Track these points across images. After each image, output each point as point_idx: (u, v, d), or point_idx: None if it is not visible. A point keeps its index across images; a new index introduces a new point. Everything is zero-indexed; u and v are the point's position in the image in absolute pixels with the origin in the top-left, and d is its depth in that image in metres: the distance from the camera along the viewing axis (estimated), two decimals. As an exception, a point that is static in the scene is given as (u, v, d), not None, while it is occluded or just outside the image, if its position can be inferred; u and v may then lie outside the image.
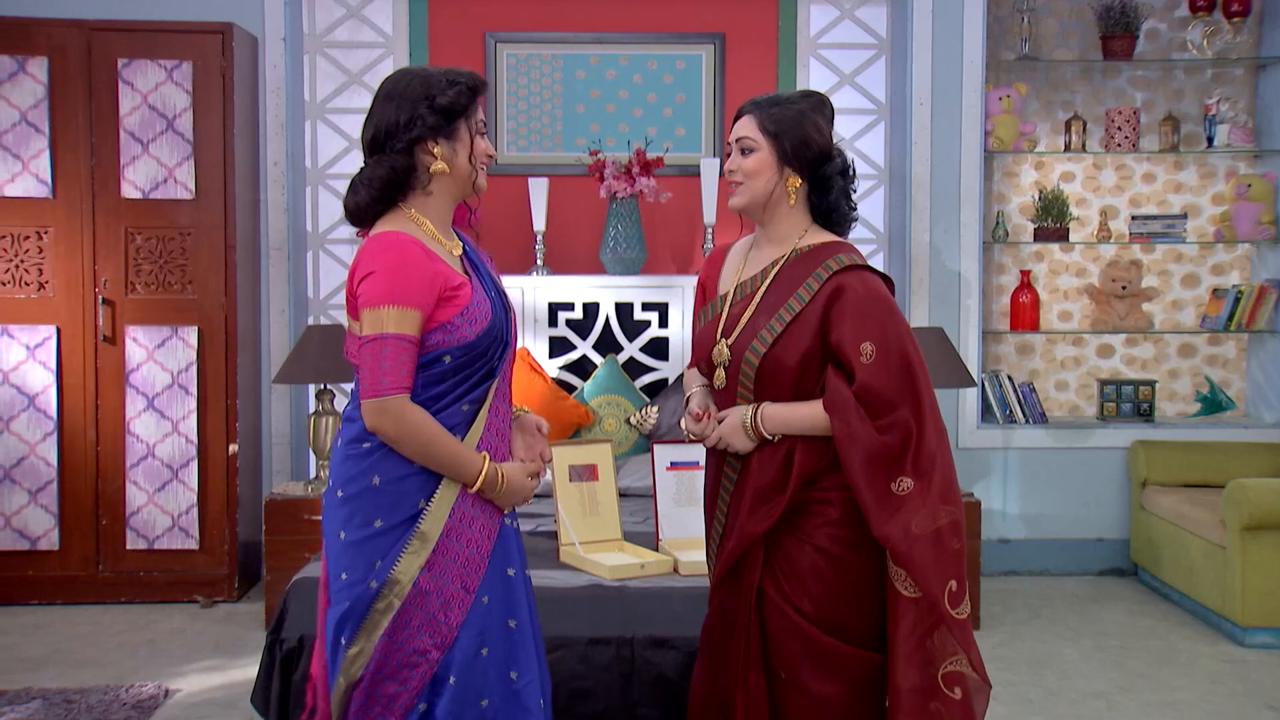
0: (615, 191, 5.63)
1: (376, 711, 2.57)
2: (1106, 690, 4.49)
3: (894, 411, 2.63)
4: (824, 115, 2.79)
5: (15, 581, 5.42)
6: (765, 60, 6.12)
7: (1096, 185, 6.29)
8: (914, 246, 5.93)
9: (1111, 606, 5.55)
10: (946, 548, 2.62)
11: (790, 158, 2.75)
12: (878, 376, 2.63)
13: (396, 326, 2.49)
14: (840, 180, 2.79)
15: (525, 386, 5.34)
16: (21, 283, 5.40)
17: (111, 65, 5.37)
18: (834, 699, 2.69)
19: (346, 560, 2.58)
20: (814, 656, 2.69)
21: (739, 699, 2.75)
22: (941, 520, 2.61)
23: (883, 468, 2.62)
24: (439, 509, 2.57)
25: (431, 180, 2.63)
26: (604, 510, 4.02)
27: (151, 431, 5.44)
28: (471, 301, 2.58)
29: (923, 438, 2.63)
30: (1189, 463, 5.83)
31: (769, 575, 2.74)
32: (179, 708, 4.25)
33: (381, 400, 2.51)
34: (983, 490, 5.98)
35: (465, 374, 2.59)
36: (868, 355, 2.64)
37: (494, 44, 6.04)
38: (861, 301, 2.67)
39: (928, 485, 2.61)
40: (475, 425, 2.62)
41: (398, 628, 2.55)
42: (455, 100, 2.60)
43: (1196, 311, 6.29)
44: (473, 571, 2.61)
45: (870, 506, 2.61)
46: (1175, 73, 6.26)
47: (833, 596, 2.69)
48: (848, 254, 2.75)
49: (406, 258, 2.53)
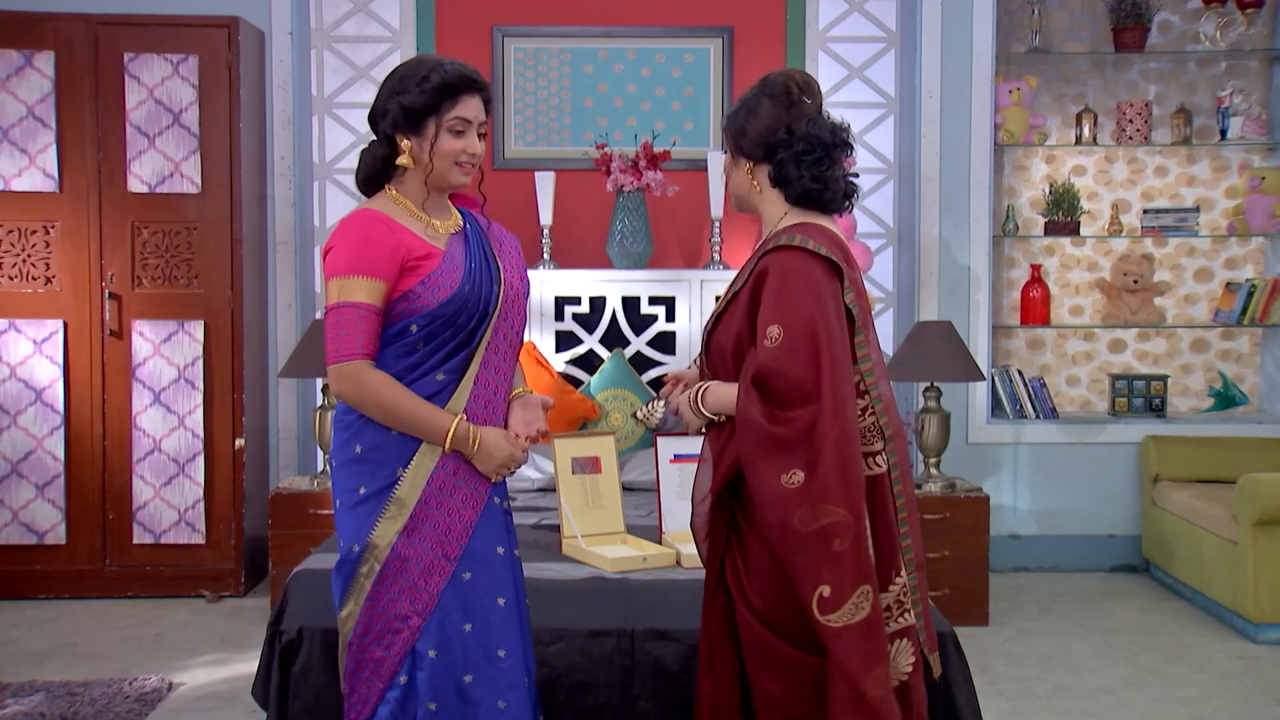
0: (622, 185, 5.61)
1: (365, 675, 2.67)
2: (1115, 686, 4.45)
3: (797, 398, 2.51)
4: (771, 96, 2.72)
5: (23, 575, 5.42)
6: (774, 54, 6.08)
7: (1108, 179, 6.24)
8: (923, 240, 5.89)
9: (1122, 603, 5.50)
10: (827, 549, 2.47)
11: (739, 150, 2.76)
12: (780, 361, 2.53)
13: (353, 295, 2.59)
14: (801, 158, 2.68)
15: (531, 380, 5.33)
16: (29, 277, 5.40)
17: (118, 59, 5.37)
18: (778, 698, 2.62)
19: (341, 526, 2.71)
20: (763, 655, 2.64)
21: (705, 686, 2.73)
22: (825, 519, 2.47)
23: (774, 456, 2.51)
24: (416, 475, 2.65)
25: (404, 171, 2.74)
26: (607, 503, 4.00)
27: (158, 426, 5.44)
28: (435, 270, 2.63)
29: (822, 431, 2.49)
30: (1201, 458, 5.78)
31: (730, 562, 2.71)
32: (182, 700, 4.25)
33: (340, 366, 2.60)
34: (992, 486, 5.94)
35: (437, 343, 2.65)
36: (773, 338, 2.54)
37: (501, 38, 6.02)
38: (779, 282, 2.58)
39: (821, 481, 2.48)
40: (456, 396, 2.68)
41: (379, 592, 2.65)
42: (417, 100, 2.67)
43: (1209, 306, 6.23)
44: (454, 540, 2.67)
45: (757, 493, 2.54)
46: (1188, 65, 6.20)
47: (776, 591, 2.60)
48: (800, 235, 2.64)
49: (365, 229, 2.63)
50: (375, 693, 2.66)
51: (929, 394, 5.31)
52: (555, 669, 3.37)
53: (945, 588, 5.08)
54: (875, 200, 6.13)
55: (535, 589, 3.54)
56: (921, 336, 5.28)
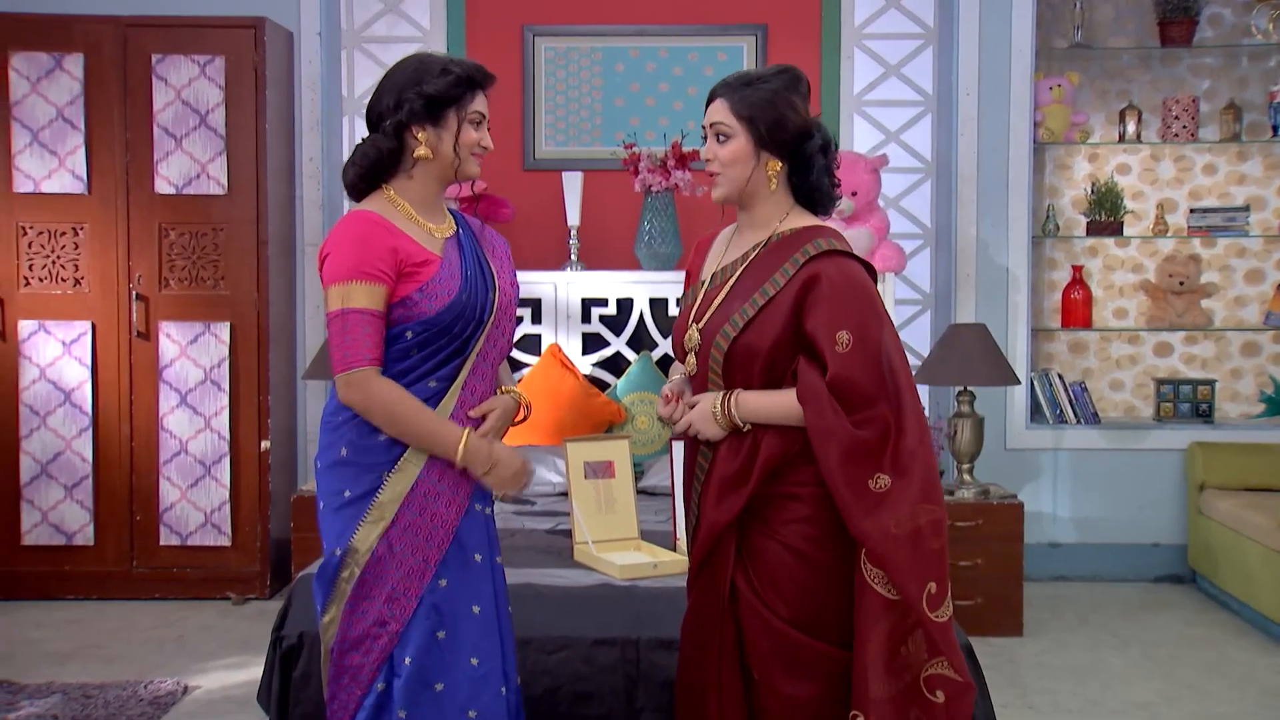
0: (650, 186, 5.52)
1: (345, 682, 2.64)
2: (1150, 701, 4.30)
3: (871, 405, 2.50)
4: (799, 92, 2.67)
5: (52, 576, 5.44)
6: (809, 51, 5.97)
7: (1154, 178, 6.06)
8: (960, 241, 5.76)
9: (1165, 614, 5.33)
10: (926, 548, 2.49)
11: (767, 141, 2.64)
12: (854, 367, 2.50)
13: (357, 301, 2.54)
14: (821, 158, 2.67)
15: (556, 383, 5.26)
16: (58, 279, 5.42)
17: (146, 61, 5.38)
18: (806, 700, 2.57)
19: (324, 529, 2.67)
20: (786, 655, 2.58)
21: (712, 699, 2.65)
22: (921, 519, 2.49)
23: (860, 464, 2.49)
24: (400, 481, 2.61)
25: (415, 164, 2.68)
26: (620, 508, 3.92)
27: (184, 427, 5.43)
28: (434, 278, 2.59)
29: (902, 434, 2.51)
30: (1248, 465, 5.59)
31: (740, 570, 2.64)
32: (196, 704, 4.22)
33: (348, 374, 2.56)
34: (1031, 492, 5.78)
35: (431, 350, 2.61)
36: (844, 344, 2.51)
37: (532, 37, 5.97)
38: (838, 288, 2.54)
39: (907, 483, 2.49)
40: (445, 402, 2.64)
41: (358, 597, 2.61)
42: (443, 89, 2.64)
43: (1260, 308, 6.03)
44: (435, 547, 2.63)
45: (847, 503, 2.49)
46: (1239, 59, 6.01)
47: (805, 595, 2.58)
48: (827, 239, 2.63)
49: (364, 233, 2.58)
50: (354, 700, 2.62)
51: (962, 398, 5.18)
52: (558, 678, 3.31)
53: (978, 596, 4.95)
54: (912, 200, 6.00)
55: (541, 596, 3.48)
56: (955, 339, 5.15)
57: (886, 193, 5.85)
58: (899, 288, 5.86)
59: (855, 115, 5.97)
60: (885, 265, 5.40)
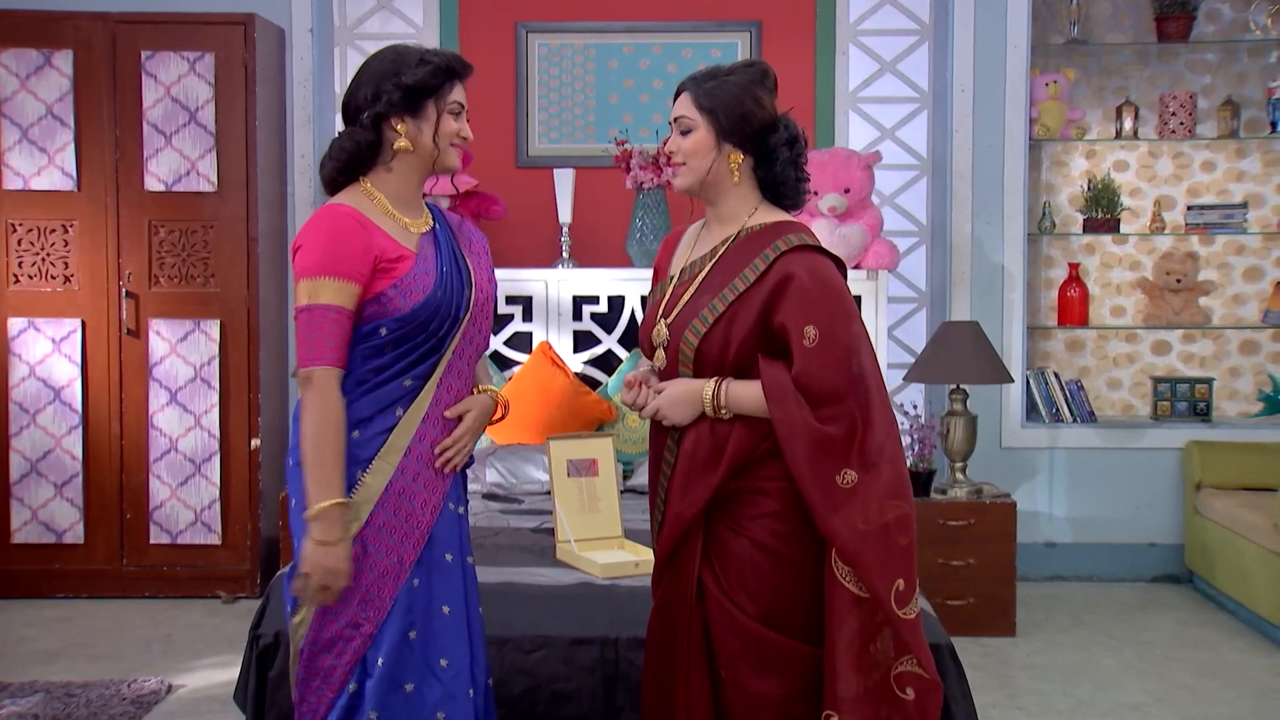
0: (641, 183, 5.49)
1: (315, 684, 2.58)
2: (1143, 702, 4.26)
3: (839, 401, 2.47)
4: (764, 86, 2.65)
5: (42, 575, 5.42)
6: (803, 48, 5.94)
7: (1151, 174, 6.01)
8: (955, 238, 5.71)
9: (1161, 614, 5.29)
10: (894, 544, 2.46)
11: (729, 133, 2.61)
12: (820, 363, 2.47)
13: (324, 297, 2.50)
14: (786, 151, 2.64)
15: (547, 381, 5.23)
16: (48, 276, 5.40)
17: (135, 57, 5.36)
18: (775, 698, 2.54)
19: (297, 528, 2.60)
20: (754, 653, 2.55)
21: (679, 698, 2.61)
22: (889, 515, 2.46)
23: (827, 459, 2.46)
24: (374, 482, 2.55)
25: (394, 156, 2.64)
26: (604, 507, 3.88)
27: (174, 425, 5.41)
28: (408, 274, 2.55)
29: (869, 429, 2.48)
30: (1246, 464, 5.54)
31: (707, 567, 2.61)
32: (178, 703, 4.20)
33: (309, 370, 2.51)
34: (1027, 491, 5.73)
35: (406, 348, 2.57)
36: (810, 339, 2.48)
37: (525, 34, 5.94)
38: (808, 284, 2.51)
39: (874, 478, 2.46)
40: (419, 400, 2.60)
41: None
42: (421, 79, 2.60)
43: (1259, 306, 5.98)
44: (410, 547, 2.58)
45: (815, 500, 2.46)
46: (1237, 55, 5.96)
47: (773, 591, 2.55)
48: (797, 234, 2.60)
49: (338, 228, 2.53)
50: (325, 702, 2.58)
51: (955, 396, 5.14)
52: (536, 678, 3.26)
53: (970, 596, 4.92)
54: (907, 197, 5.96)
55: (520, 595, 3.45)
56: (948, 337, 5.11)
57: (882, 190, 5.82)
58: (894, 285, 5.82)
59: (850, 112, 5.93)
60: (879, 262, 5.36)
